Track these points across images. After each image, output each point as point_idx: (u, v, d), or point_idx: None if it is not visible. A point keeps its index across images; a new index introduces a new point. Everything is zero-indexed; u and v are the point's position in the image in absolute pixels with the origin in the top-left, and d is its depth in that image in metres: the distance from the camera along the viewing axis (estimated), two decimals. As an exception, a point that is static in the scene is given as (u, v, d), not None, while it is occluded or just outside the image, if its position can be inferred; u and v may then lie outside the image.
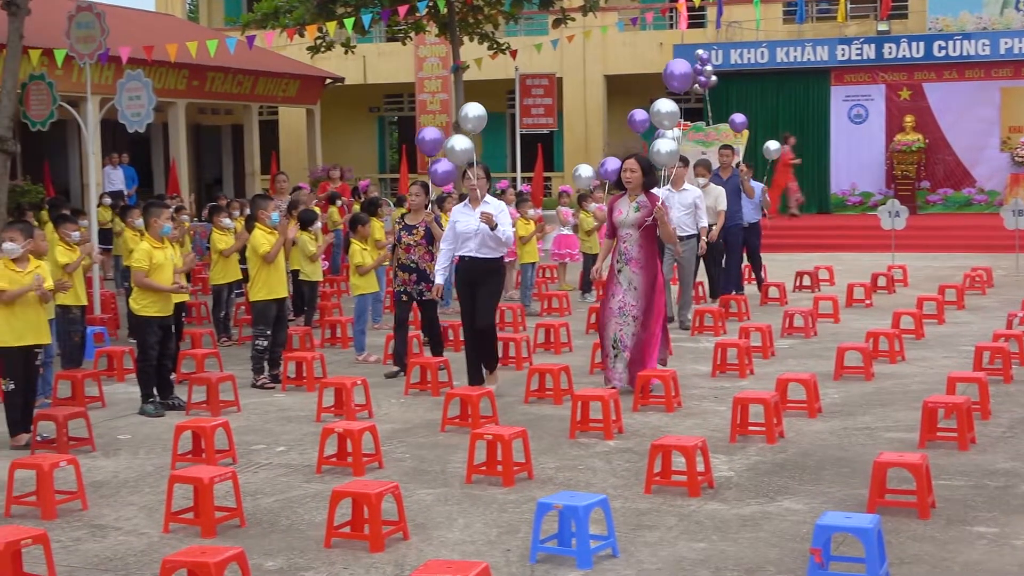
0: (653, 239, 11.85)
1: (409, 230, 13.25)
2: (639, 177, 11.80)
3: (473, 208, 12.04)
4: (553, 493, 7.83)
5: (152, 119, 17.34)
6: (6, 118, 17.08)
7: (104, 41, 17.12)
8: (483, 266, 12.01)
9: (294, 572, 7.03)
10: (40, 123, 17.66)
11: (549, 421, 10.72)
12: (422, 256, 13.13)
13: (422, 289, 13.06)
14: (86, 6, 17.27)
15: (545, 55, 29.60)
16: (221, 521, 7.82)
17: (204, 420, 9.87)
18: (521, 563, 7.07)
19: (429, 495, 8.51)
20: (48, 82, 17.60)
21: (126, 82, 17.10)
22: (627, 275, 11.75)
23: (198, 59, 24.80)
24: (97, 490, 8.83)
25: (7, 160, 17.42)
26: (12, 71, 17.07)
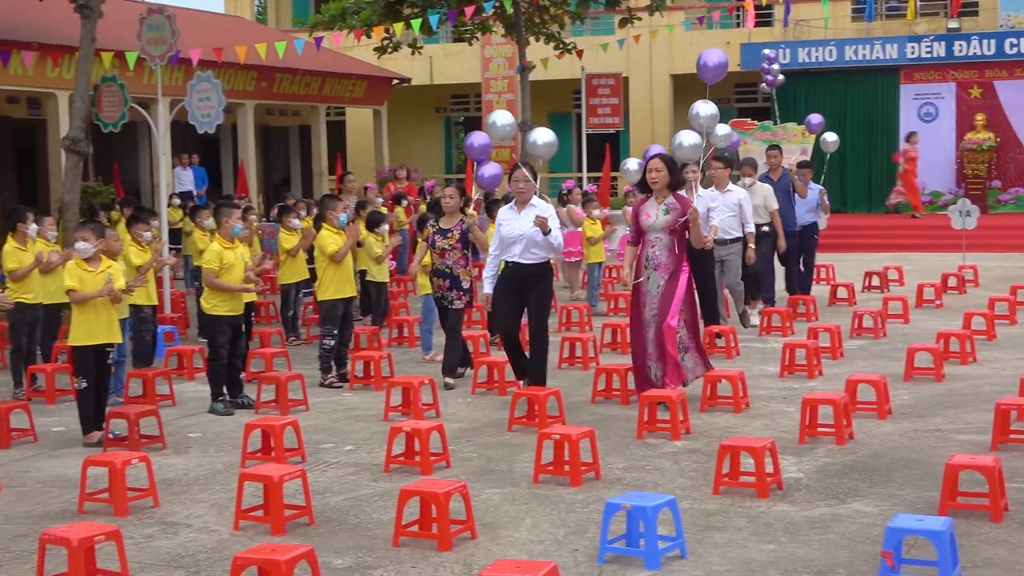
0: (683, 243, 11.14)
1: (443, 234, 12.82)
2: (665, 177, 11.03)
3: (519, 211, 11.51)
4: (621, 493, 7.81)
5: (222, 120, 17.47)
6: (79, 120, 17.28)
7: (174, 43, 17.27)
8: (530, 271, 11.44)
9: (363, 571, 7.06)
10: (112, 124, 17.84)
11: (616, 421, 10.70)
12: (457, 261, 12.72)
13: (452, 296, 12.70)
14: (157, 8, 17.43)
15: (611, 54, 29.54)
16: (290, 519, 7.87)
17: (273, 419, 9.94)
18: (589, 563, 7.06)
19: (496, 494, 8.52)
20: (120, 84, 17.78)
21: (196, 83, 17.24)
22: (655, 282, 11.06)
23: (267, 61, 24.96)
24: (168, 487, 8.91)
25: (80, 161, 17.61)
26: (85, 73, 17.26)
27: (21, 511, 8.47)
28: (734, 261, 15.28)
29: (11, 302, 11.05)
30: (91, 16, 17.13)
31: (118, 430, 10.34)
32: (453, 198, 12.96)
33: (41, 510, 8.49)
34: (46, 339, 13.06)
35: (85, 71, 17.22)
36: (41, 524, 7.92)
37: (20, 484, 9.19)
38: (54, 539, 6.64)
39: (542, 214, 11.25)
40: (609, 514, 7.08)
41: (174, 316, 16.92)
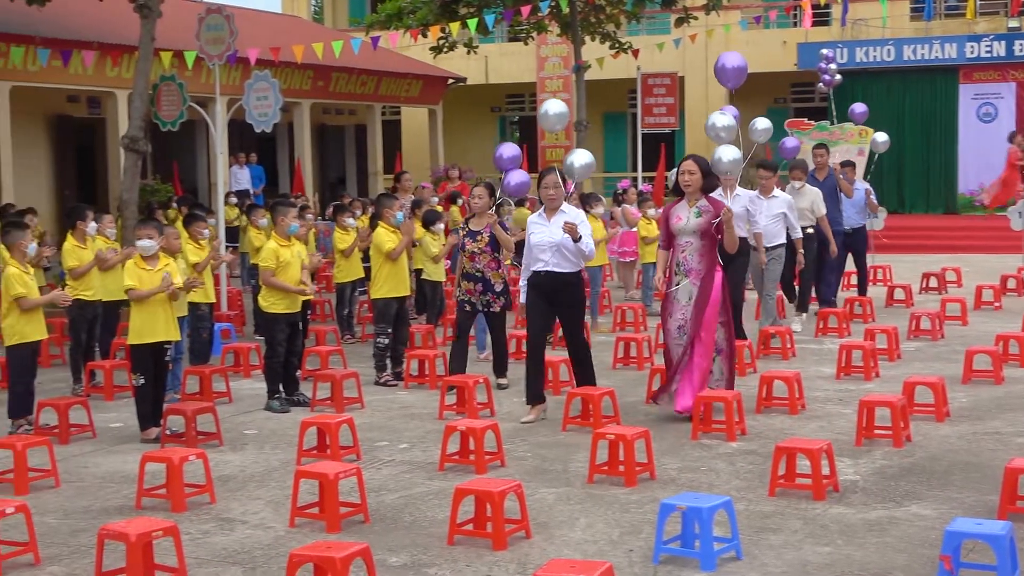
0: (715, 247, 10.76)
1: (473, 236, 12.39)
2: (698, 179, 10.67)
3: (548, 218, 10.99)
4: (676, 494, 7.78)
5: (279, 119, 17.57)
6: (138, 119, 17.43)
7: (233, 42, 17.37)
8: (561, 280, 10.95)
9: (418, 569, 7.07)
10: (171, 123, 17.98)
11: (671, 422, 10.65)
12: (487, 264, 12.29)
13: (489, 300, 12.30)
14: (215, 8, 17.54)
15: (667, 54, 29.44)
16: (346, 516, 7.90)
17: (329, 416, 9.98)
18: (644, 564, 7.04)
19: (551, 494, 8.51)
20: (179, 83, 17.91)
21: (254, 83, 17.34)
22: (687, 289, 10.70)
23: (323, 60, 25.06)
24: (225, 484, 8.97)
25: (139, 159, 17.77)
26: (144, 72, 17.41)
27: (80, 506, 8.55)
28: (774, 268, 14.73)
29: (70, 299, 11.15)
30: (151, 16, 17.27)
31: (175, 426, 10.42)
32: (482, 198, 12.52)
33: (100, 505, 8.57)
34: (105, 336, 13.18)
35: (144, 70, 17.36)
36: (99, 519, 7.99)
37: (79, 479, 9.28)
38: (113, 534, 6.70)
39: (572, 221, 10.84)
40: (664, 515, 7.06)
41: (231, 314, 17.03)
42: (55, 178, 27.42)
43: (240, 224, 21.25)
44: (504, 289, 12.39)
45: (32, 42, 21.98)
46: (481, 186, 12.76)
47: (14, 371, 10.70)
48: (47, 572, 7.15)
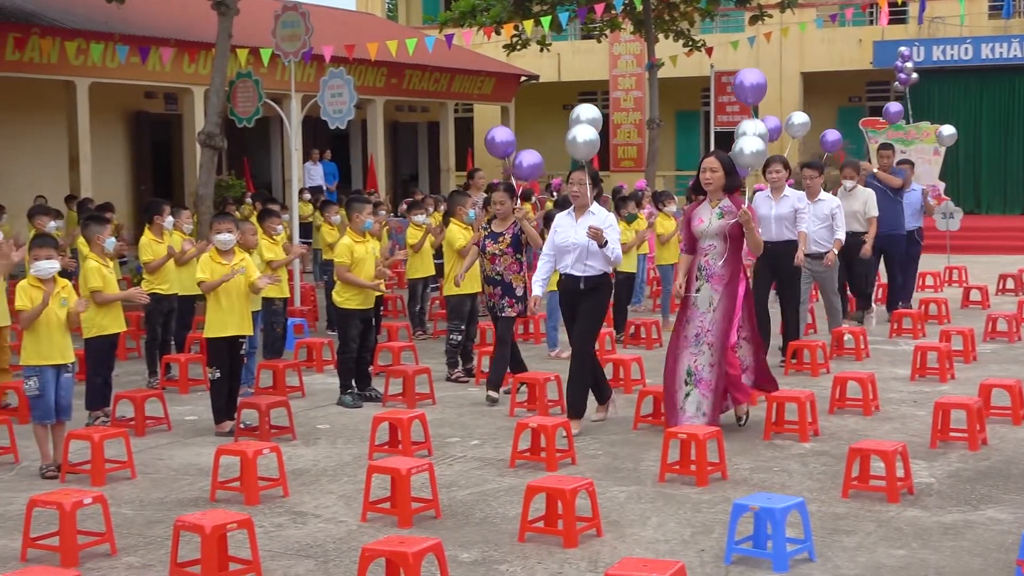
0: (739, 251, 10.13)
1: (495, 238, 11.97)
2: (720, 178, 9.96)
3: (576, 218, 10.45)
4: (748, 494, 7.74)
5: (353, 116, 17.65)
6: (215, 115, 17.60)
7: (308, 40, 17.48)
8: (584, 284, 10.41)
9: (489, 565, 7.08)
10: (246, 120, 18.13)
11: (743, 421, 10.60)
12: (508, 267, 11.85)
13: (504, 304, 11.83)
14: (292, 6, 17.66)
15: (741, 52, 29.29)
16: (417, 512, 7.93)
17: (401, 412, 10.02)
18: (716, 564, 7.00)
19: (622, 492, 8.49)
20: (254, 80, 18.06)
21: (328, 80, 17.43)
22: (707, 294, 10.01)
23: (397, 57, 25.16)
24: (298, 478, 9.03)
25: (214, 155, 17.95)
26: (221, 69, 17.58)
27: (155, 497, 8.64)
28: (829, 275, 14.01)
29: (147, 297, 11.27)
30: (228, 13, 17.44)
31: (249, 420, 10.50)
32: (504, 204, 12.01)
33: (175, 497, 8.65)
34: (180, 330, 13.31)
35: (221, 67, 17.54)
36: (174, 511, 8.08)
37: (154, 471, 9.38)
38: (188, 526, 6.76)
39: (600, 224, 10.26)
40: (737, 515, 7.02)
41: (304, 309, 17.14)
42: (132, 173, 27.80)
43: (313, 220, 21.41)
44: (524, 294, 11.90)
45: (111, 39, 22.31)
46: (500, 191, 12.18)
47: (92, 363, 10.84)
48: (123, 562, 7.23)
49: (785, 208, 12.74)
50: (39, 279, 9.19)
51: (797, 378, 12.46)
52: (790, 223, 12.73)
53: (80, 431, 9.39)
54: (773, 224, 12.65)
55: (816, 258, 13.57)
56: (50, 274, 9.19)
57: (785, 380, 12.32)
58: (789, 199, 12.83)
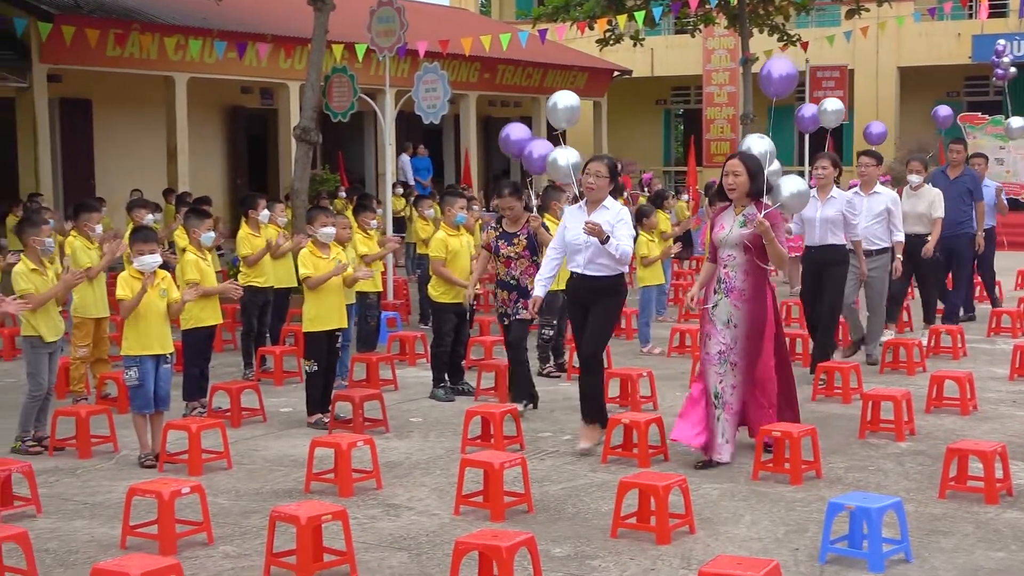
0: (763, 265, 9.06)
1: (508, 239, 11.20)
2: (744, 182, 8.96)
3: (588, 212, 9.57)
4: (842, 494, 7.67)
5: (446, 111, 17.72)
6: (310, 109, 17.74)
7: (403, 35, 17.59)
8: (593, 285, 9.55)
9: (581, 560, 7.07)
10: (341, 114, 18.27)
11: (838, 420, 10.49)
12: (525, 270, 11.09)
13: (519, 307, 11.00)
14: (387, 1, 17.76)
15: (836, 47, 29.00)
16: (510, 506, 7.94)
17: (493, 406, 10.04)
18: (810, 563, 6.94)
19: (715, 490, 8.44)
20: (350, 75, 18.19)
21: (423, 75, 17.54)
22: (725, 310, 9.04)
23: (490, 52, 25.23)
24: (391, 470, 9.08)
25: (310, 150, 18.09)
26: (316, 64, 17.72)
27: (251, 488, 8.74)
28: (877, 277, 12.69)
29: (241, 291, 11.40)
30: (324, 9, 17.57)
31: (343, 413, 10.58)
32: (513, 208, 11.26)
33: (270, 488, 8.75)
34: (275, 322, 13.45)
35: (317, 62, 17.67)
36: (270, 501, 8.16)
37: (250, 462, 9.48)
38: (284, 516, 6.83)
39: (610, 219, 9.44)
40: (832, 514, 6.95)
41: (396, 303, 17.24)
42: (228, 167, 28.16)
43: (407, 214, 21.52)
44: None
45: (209, 35, 22.62)
46: (506, 196, 11.30)
47: (189, 355, 11.00)
48: (220, 551, 7.32)
49: (832, 210, 11.87)
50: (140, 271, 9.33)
51: (893, 376, 12.32)
52: (836, 227, 11.87)
53: (178, 421, 9.52)
54: (818, 227, 11.91)
55: (867, 256, 12.45)
56: (153, 268, 9.33)
57: (881, 379, 12.21)
58: (836, 201, 11.91)
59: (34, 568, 6.68)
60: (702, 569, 5.87)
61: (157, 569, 6.01)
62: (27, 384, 9.84)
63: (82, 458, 9.63)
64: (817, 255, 11.96)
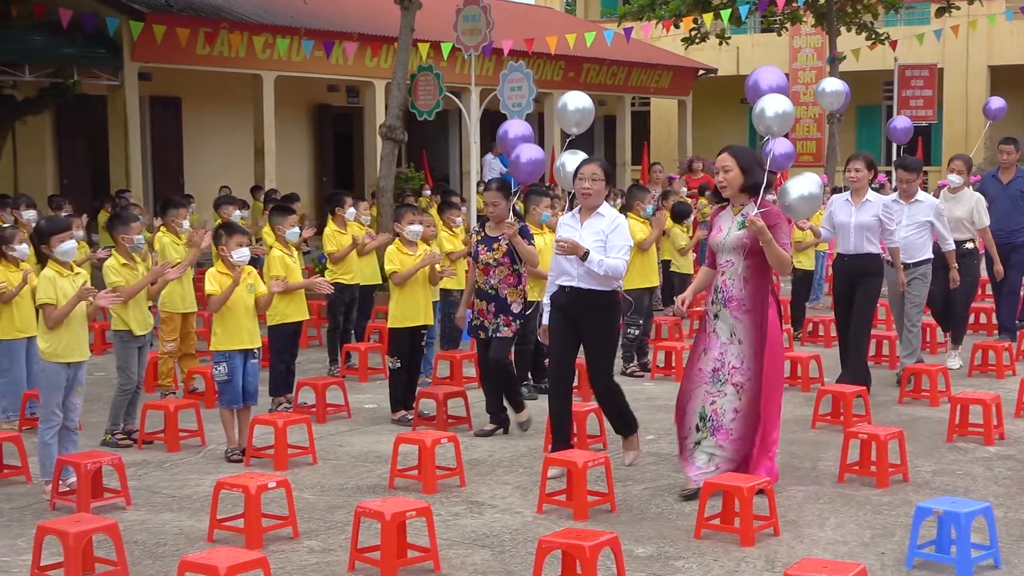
0: (765, 271, 8.09)
1: (488, 244, 10.07)
2: (737, 177, 7.98)
3: (582, 221, 8.67)
4: (930, 498, 7.57)
5: (531, 109, 17.73)
6: (396, 108, 17.84)
7: (489, 33, 17.64)
8: (586, 301, 8.58)
9: (664, 560, 7.04)
10: (427, 113, 18.36)
11: (925, 423, 10.35)
12: (504, 279, 10.01)
13: (499, 323, 10.00)
14: (474, 0, 17.81)
15: (926, 45, 28.64)
16: (593, 505, 7.92)
17: (576, 405, 9.99)
18: (896, 567, 6.86)
19: (800, 492, 8.36)
20: (435, 73, 18.25)
21: (509, 73, 17.56)
22: (726, 322, 8.08)
23: (575, 51, 25.20)
24: (474, 468, 9.10)
25: (395, 148, 18.17)
26: (403, 63, 17.80)
27: (336, 483, 8.80)
28: (917, 290, 11.63)
29: (329, 287, 11.48)
30: (411, 8, 17.66)
31: (427, 410, 10.62)
32: (498, 206, 10.07)
33: (354, 484, 8.80)
34: (360, 319, 13.52)
35: (403, 61, 17.76)
36: (354, 497, 8.22)
37: (335, 457, 9.55)
38: (369, 512, 6.87)
39: (604, 228, 8.53)
40: (919, 518, 6.86)
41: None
42: (314, 165, 28.38)
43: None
44: (523, 311, 10.20)
45: (297, 33, 22.82)
46: (493, 190, 10.14)
47: (275, 350, 11.09)
48: (305, 546, 7.38)
49: (867, 215, 10.86)
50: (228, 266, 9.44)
51: (982, 380, 12.13)
52: (873, 233, 10.87)
53: (264, 416, 9.61)
54: (852, 234, 10.91)
55: (904, 269, 11.47)
56: (245, 261, 9.45)
57: (969, 382, 12.03)
58: (872, 205, 10.89)
59: (123, 559, 6.77)
60: (787, 571, 5.83)
61: (244, 562, 6.08)
62: (117, 378, 9.99)
63: (170, 451, 9.76)
64: (850, 264, 10.97)
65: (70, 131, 24.17)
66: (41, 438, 8.48)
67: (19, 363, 10.36)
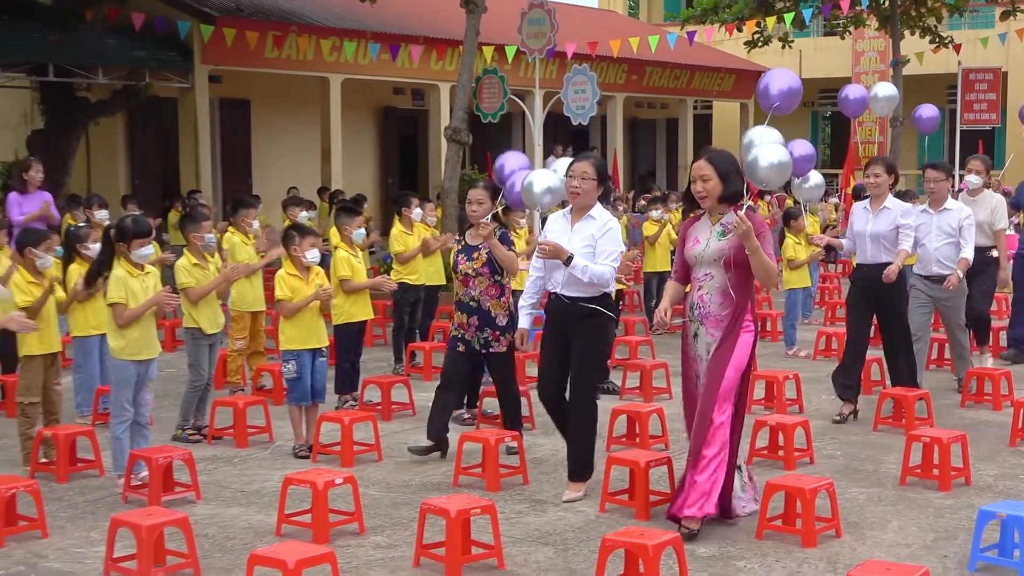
0: (746, 285, 7.35)
1: (468, 253, 9.25)
2: (716, 187, 7.25)
3: (572, 222, 7.99)
4: (993, 502, 7.51)
5: (595, 112, 17.74)
6: (461, 110, 17.89)
7: (553, 37, 17.66)
8: (575, 310, 7.92)
9: (726, 561, 7.03)
10: (491, 115, 18.40)
11: (988, 427, 10.26)
12: (485, 291, 9.16)
13: (487, 338, 9.18)
14: (538, 3, 17.85)
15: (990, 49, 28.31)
16: (655, 505, 7.91)
17: (639, 405, 10.04)
18: (959, 570, 6.80)
19: (862, 494, 8.32)
20: (500, 76, 18.28)
21: (572, 76, 17.59)
22: (704, 341, 7.35)
23: (637, 54, 25.16)
24: (537, 466, 9.11)
25: (460, 150, 18.23)
26: (468, 66, 17.85)
27: (401, 480, 8.85)
28: (955, 302, 11.18)
29: (394, 285, 11.52)
30: (476, 11, 17.70)
31: (490, 409, 10.64)
32: (482, 204, 9.23)
33: (419, 481, 8.84)
34: (425, 319, 13.58)
35: (468, 64, 17.81)
36: (419, 494, 8.26)
37: (400, 454, 9.59)
38: (434, 509, 6.90)
39: (594, 231, 7.88)
40: (983, 522, 6.79)
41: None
42: (380, 166, 28.49)
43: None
44: (510, 323, 9.26)
45: (364, 37, 22.96)
46: (480, 188, 9.43)
47: (341, 349, 11.16)
48: (371, 541, 7.43)
49: (884, 224, 10.24)
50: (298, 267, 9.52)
51: (1045, 384, 12.02)
52: (890, 242, 10.25)
53: (331, 414, 9.67)
54: (869, 243, 10.31)
55: (938, 281, 11.00)
56: (316, 262, 9.54)
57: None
58: (891, 212, 10.26)
59: (194, 552, 6.84)
60: (849, 573, 5.80)
61: (311, 556, 6.13)
62: (188, 374, 10.10)
63: (239, 447, 9.85)
64: (868, 274, 10.30)
65: (142, 132, 24.44)
66: (113, 433, 8.58)
67: (93, 359, 10.47)
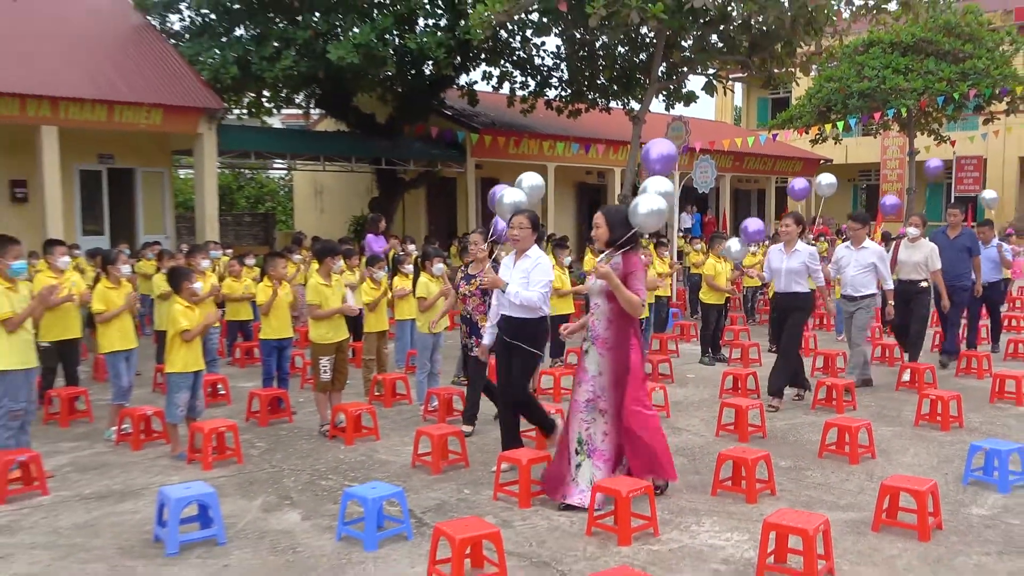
0: (626, 314, 5.93)
1: (468, 279, 8.09)
2: (604, 233, 5.97)
3: (515, 261, 6.63)
4: (979, 439, 7.02)
5: (713, 185, 17.33)
6: (628, 184, 17.68)
7: (687, 138, 17.35)
8: (515, 328, 6.50)
9: (799, 471, 6.68)
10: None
11: (975, 391, 9.51)
12: (476, 307, 7.93)
13: (471, 344, 7.92)
14: (678, 118, 17.59)
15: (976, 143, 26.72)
16: (752, 433, 7.60)
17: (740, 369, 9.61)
18: (956, 483, 6.35)
19: (889, 432, 7.83)
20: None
21: (699, 162, 17.22)
22: (594, 358, 5.96)
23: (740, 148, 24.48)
24: (675, 406, 8.84)
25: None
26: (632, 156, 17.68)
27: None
28: (860, 316, 9.47)
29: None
30: (638, 123, 17.52)
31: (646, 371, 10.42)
32: (477, 244, 8.17)
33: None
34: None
35: (633, 155, 17.63)
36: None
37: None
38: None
39: (528, 266, 6.51)
40: (972, 452, 6.39)
41: (678, 303, 16.95)
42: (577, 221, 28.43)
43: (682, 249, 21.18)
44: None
45: (567, 139, 22.91)
46: (477, 233, 8.30)
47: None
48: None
49: (795, 262, 8.80)
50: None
51: (1015, 363, 11.14)
52: (800, 276, 8.81)
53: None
54: (783, 276, 8.85)
55: (851, 300, 9.55)
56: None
57: (1005, 364, 11.07)
58: (800, 254, 8.82)
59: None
60: (883, 482, 5.50)
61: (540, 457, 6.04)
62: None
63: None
64: (782, 301, 8.91)
65: (435, 199, 24.94)
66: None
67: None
